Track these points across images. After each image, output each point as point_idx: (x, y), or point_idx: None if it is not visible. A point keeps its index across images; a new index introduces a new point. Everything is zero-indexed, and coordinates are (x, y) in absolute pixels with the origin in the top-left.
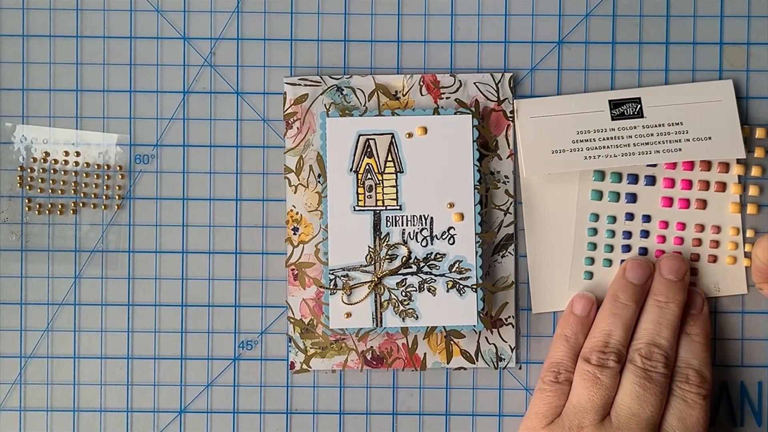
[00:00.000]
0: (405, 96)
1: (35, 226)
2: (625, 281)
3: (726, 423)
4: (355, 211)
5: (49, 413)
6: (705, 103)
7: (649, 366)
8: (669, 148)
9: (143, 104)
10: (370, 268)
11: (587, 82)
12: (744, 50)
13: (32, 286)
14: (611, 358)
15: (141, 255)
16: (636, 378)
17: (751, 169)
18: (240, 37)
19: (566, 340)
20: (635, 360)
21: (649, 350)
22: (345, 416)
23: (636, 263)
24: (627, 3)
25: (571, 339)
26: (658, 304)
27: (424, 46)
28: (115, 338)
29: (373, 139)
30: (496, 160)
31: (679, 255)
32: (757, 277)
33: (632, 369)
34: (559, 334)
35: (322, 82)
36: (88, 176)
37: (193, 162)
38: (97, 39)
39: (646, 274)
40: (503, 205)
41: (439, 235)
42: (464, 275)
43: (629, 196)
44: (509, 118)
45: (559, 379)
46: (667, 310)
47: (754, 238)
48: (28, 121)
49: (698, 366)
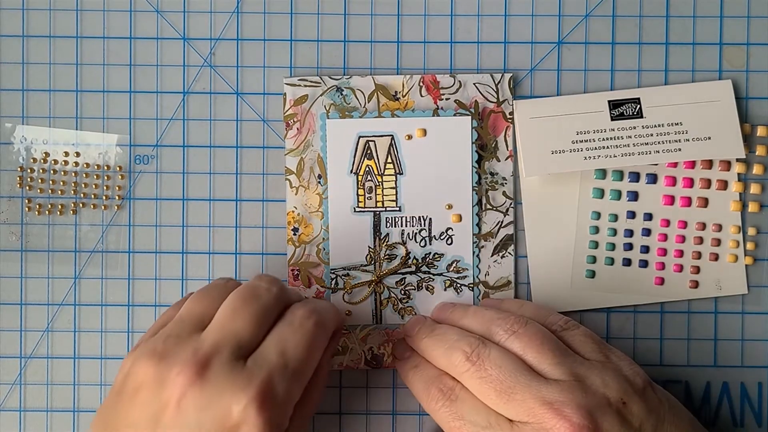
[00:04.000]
0: (405, 96)
1: (35, 227)
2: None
3: (726, 423)
4: (356, 212)
5: (49, 413)
6: (705, 104)
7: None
8: (668, 148)
9: (143, 104)
10: (370, 267)
11: (587, 82)
12: (744, 50)
13: (32, 286)
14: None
15: (141, 255)
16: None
17: (752, 167)
18: (240, 37)
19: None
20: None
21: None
22: (345, 416)
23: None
24: (627, 3)
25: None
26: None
27: (424, 47)
28: (115, 338)
29: (373, 141)
30: (494, 161)
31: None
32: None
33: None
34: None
35: (321, 83)
36: (87, 176)
37: (193, 162)
38: (97, 39)
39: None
40: (502, 206)
41: (437, 235)
42: (461, 274)
43: (631, 194)
44: (508, 119)
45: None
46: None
47: (755, 236)
48: (28, 121)
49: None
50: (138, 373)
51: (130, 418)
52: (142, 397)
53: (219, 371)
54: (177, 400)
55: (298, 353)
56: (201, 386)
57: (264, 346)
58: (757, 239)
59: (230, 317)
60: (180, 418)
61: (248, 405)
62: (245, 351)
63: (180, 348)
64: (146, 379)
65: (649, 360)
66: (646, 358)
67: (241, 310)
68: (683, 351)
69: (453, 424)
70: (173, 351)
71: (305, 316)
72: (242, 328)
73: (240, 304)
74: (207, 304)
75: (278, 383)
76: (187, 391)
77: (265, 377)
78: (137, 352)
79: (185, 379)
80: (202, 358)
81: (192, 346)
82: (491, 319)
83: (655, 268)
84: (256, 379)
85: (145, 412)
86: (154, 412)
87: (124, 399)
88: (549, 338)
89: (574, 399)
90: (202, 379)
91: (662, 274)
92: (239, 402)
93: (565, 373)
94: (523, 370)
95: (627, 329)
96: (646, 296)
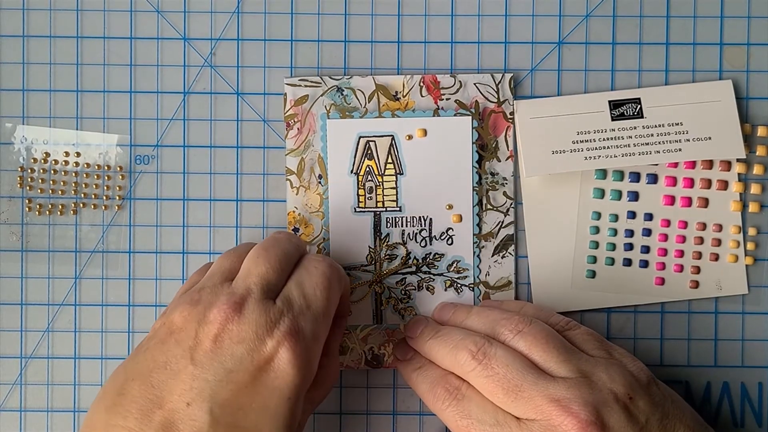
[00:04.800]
0: (405, 97)
1: (35, 227)
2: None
3: (726, 423)
4: (356, 212)
5: (49, 413)
6: (705, 104)
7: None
8: (669, 148)
9: (143, 105)
10: (370, 267)
11: (587, 82)
12: (744, 51)
13: (32, 286)
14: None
15: (141, 255)
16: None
17: (752, 167)
18: (240, 37)
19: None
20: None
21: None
22: (345, 416)
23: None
24: (627, 3)
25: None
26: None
27: (424, 47)
28: (115, 339)
29: (374, 141)
30: (495, 161)
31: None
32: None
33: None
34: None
35: (322, 83)
36: (88, 177)
37: (193, 162)
38: (97, 39)
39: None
40: (503, 207)
41: (437, 235)
42: (462, 275)
43: (631, 195)
44: (509, 119)
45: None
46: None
47: (755, 236)
48: (28, 121)
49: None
50: (174, 320)
51: (159, 359)
52: (175, 338)
53: (254, 308)
54: (214, 336)
55: (317, 295)
56: (238, 321)
57: (287, 288)
58: (758, 239)
59: (255, 263)
60: (216, 353)
61: (281, 340)
62: (273, 292)
63: (215, 295)
64: (183, 322)
65: (649, 360)
66: (646, 358)
67: (265, 256)
68: (683, 351)
69: (460, 423)
70: (208, 298)
71: (318, 260)
72: (268, 271)
73: (263, 251)
74: (234, 260)
75: (303, 322)
76: (225, 326)
77: (293, 315)
78: (171, 307)
79: (223, 316)
80: (238, 298)
81: (225, 291)
82: (496, 320)
83: (656, 268)
84: (286, 317)
85: (178, 350)
86: (188, 348)
87: (152, 345)
88: (554, 336)
89: (581, 395)
90: (239, 315)
91: (663, 274)
92: (272, 336)
93: (572, 371)
94: (530, 368)
95: (627, 329)
96: (646, 296)
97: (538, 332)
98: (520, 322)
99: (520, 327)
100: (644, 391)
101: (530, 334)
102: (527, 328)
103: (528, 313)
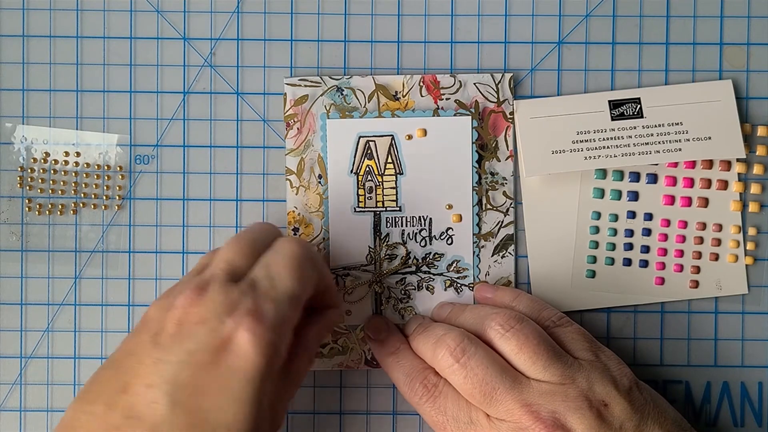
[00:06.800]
0: (405, 96)
1: (35, 227)
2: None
3: (726, 423)
4: (356, 212)
5: (49, 413)
6: (705, 104)
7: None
8: (669, 148)
9: (143, 104)
10: (370, 267)
11: (587, 82)
12: (744, 50)
13: (32, 286)
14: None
15: (141, 255)
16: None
17: (752, 167)
18: (240, 37)
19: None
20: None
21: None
22: (345, 416)
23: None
24: (627, 3)
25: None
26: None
27: (424, 47)
28: (116, 339)
29: (373, 141)
30: (495, 161)
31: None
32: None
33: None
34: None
35: (322, 83)
36: (88, 176)
37: (193, 162)
38: (97, 39)
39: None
40: (502, 206)
41: (437, 235)
42: (462, 274)
43: (631, 194)
44: (509, 119)
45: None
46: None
47: (755, 236)
48: (28, 121)
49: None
50: (149, 312)
51: (129, 348)
52: (146, 327)
53: (215, 291)
54: (177, 320)
55: (284, 275)
56: (199, 304)
57: (253, 270)
58: (758, 239)
59: (224, 249)
60: (178, 335)
61: (240, 320)
62: (239, 276)
63: (183, 284)
64: (154, 312)
65: (649, 360)
66: (646, 358)
67: (234, 242)
68: (683, 351)
69: (436, 419)
70: (179, 288)
71: (287, 241)
72: (233, 255)
73: (233, 239)
74: (212, 254)
75: (266, 303)
76: (187, 310)
77: (255, 296)
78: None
79: (187, 301)
80: (202, 283)
81: (194, 280)
82: (486, 314)
83: (656, 268)
84: (248, 297)
85: (146, 337)
86: (153, 334)
87: (126, 338)
88: (544, 339)
89: (554, 401)
90: (200, 298)
91: (662, 274)
92: (232, 317)
93: (554, 375)
94: (507, 371)
95: (627, 329)
96: (646, 296)
97: (529, 333)
98: (510, 318)
99: (512, 323)
100: (624, 396)
101: (522, 334)
102: (518, 326)
103: (521, 305)
